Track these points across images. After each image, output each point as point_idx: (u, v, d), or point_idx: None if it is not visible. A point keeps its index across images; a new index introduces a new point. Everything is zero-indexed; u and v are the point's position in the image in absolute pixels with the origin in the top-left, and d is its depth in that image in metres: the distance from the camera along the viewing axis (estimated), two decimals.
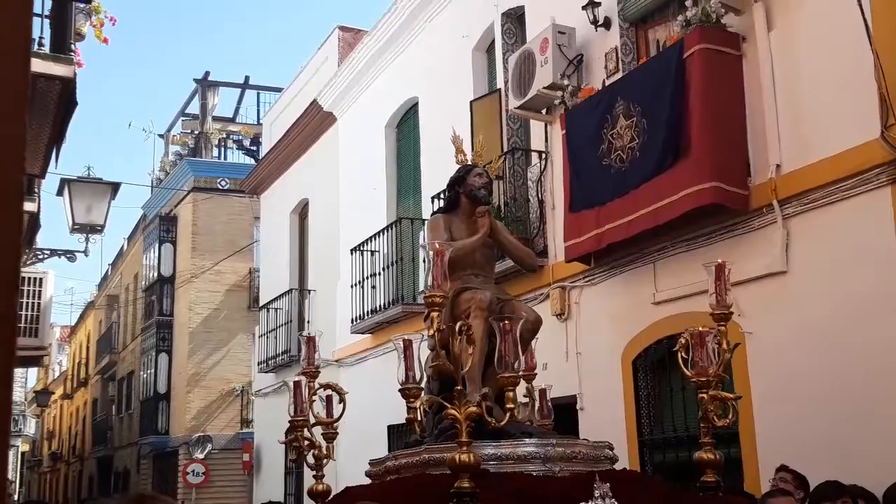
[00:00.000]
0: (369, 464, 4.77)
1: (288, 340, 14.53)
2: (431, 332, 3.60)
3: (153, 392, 22.74)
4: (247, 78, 25.00)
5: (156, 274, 23.14)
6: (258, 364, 15.80)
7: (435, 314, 3.62)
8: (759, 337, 6.20)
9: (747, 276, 6.30)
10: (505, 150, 9.13)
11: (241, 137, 23.92)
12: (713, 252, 6.62)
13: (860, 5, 5.48)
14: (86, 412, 33.76)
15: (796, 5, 6.14)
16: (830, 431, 5.54)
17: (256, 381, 16.70)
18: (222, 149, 23.99)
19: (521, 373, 3.63)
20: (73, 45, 6.51)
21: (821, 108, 5.91)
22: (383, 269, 11.24)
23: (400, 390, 3.54)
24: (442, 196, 9.72)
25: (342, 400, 4.66)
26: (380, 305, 11.17)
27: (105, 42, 7.52)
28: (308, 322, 14.26)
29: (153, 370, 22.88)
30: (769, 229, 6.20)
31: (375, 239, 11.42)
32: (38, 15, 6.83)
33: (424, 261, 10.23)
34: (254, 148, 22.79)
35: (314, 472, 4.62)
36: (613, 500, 3.46)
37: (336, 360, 12.79)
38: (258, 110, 23.81)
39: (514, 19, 9.63)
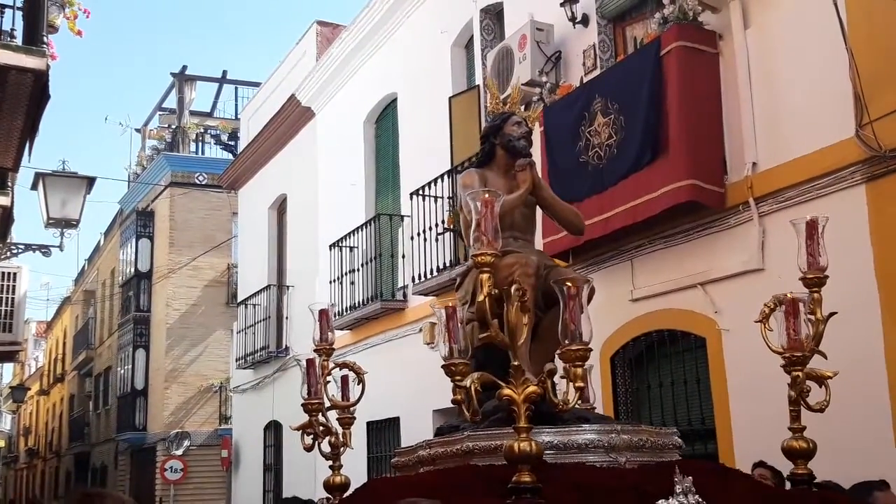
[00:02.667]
0: (396, 453, 4.37)
1: (266, 336, 14.48)
2: (481, 297, 3.10)
3: (130, 388, 22.62)
4: (224, 72, 24.89)
5: (133, 269, 23.00)
6: (236, 360, 15.73)
7: (485, 276, 3.12)
8: (736, 334, 6.22)
9: (724, 274, 6.33)
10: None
11: (218, 132, 23.80)
12: (690, 249, 6.66)
13: (836, 5, 5.51)
14: (62, 408, 33.52)
15: (773, 4, 6.16)
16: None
17: (234, 377, 16.63)
18: (200, 143, 23.88)
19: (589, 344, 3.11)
20: (45, 38, 6.43)
21: (797, 106, 5.93)
22: (362, 265, 11.21)
23: (444, 367, 3.11)
24: (421, 192, 9.72)
25: (361, 380, 4.19)
26: (359, 301, 11.15)
27: (79, 34, 7.46)
28: (287, 318, 14.21)
29: (130, 366, 22.76)
30: (745, 227, 6.22)
31: (354, 235, 11.39)
32: (9, 6, 6.76)
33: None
34: (231, 143, 22.68)
35: (330, 463, 4.17)
36: (698, 496, 3.03)
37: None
38: (236, 105, 23.71)
39: (493, 15, 9.62)
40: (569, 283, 3.08)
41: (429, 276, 9.54)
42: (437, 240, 9.40)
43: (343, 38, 12.39)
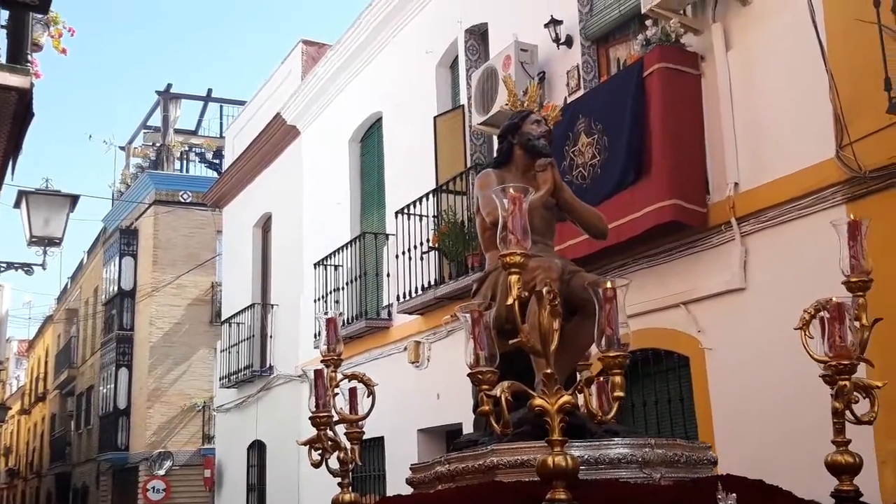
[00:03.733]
0: (411, 469, 4.14)
1: (250, 355, 14.41)
2: (510, 300, 2.87)
3: (113, 407, 22.45)
4: (209, 91, 24.89)
5: (116, 287, 22.89)
6: (220, 379, 15.65)
7: (514, 278, 2.87)
8: (719, 352, 6.26)
9: (706, 293, 6.36)
10: (468, 165, 9.15)
11: (203, 150, 23.79)
12: (673, 268, 6.69)
13: (815, 27, 5.58)
14: (44, 428, 33.20)
15: (754, 26, 6.24)
16: (789, 446, 5.60)
17: (218, 396, 16.53)
18: (184, 162, 23.86)
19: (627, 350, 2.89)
20: (30, 56, 6.42)
21: (778, 127, 6.00)
22: (347, 284, 11.20)
23: (470, 375, 2.89)
24: (406, 211, 9.73)
25: (371, 393, 3.97)
26: (343, 320, 11.11)
27: (64, 53, 7.44)
28: (271, 337, 14.16)
29: (113, 385, 22.60)
30: (727, 246, 6.27)
31: (339, 253, 11.38)
32: None
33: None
34: (216, 161, 22.67)
35: (340, 480, 3.95)
36: None
37: (299, 375, 12.70)
38: (221, 123, 23.71)
39: (478, 36, 9.68)
40: (607, 285, 2.89)
41: (413, 294, 9.55)
42: (421, 258, 9.41)
43: (329, 57, 12.43)
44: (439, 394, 9.32)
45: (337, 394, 3.97)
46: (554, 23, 7.87)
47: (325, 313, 4.18)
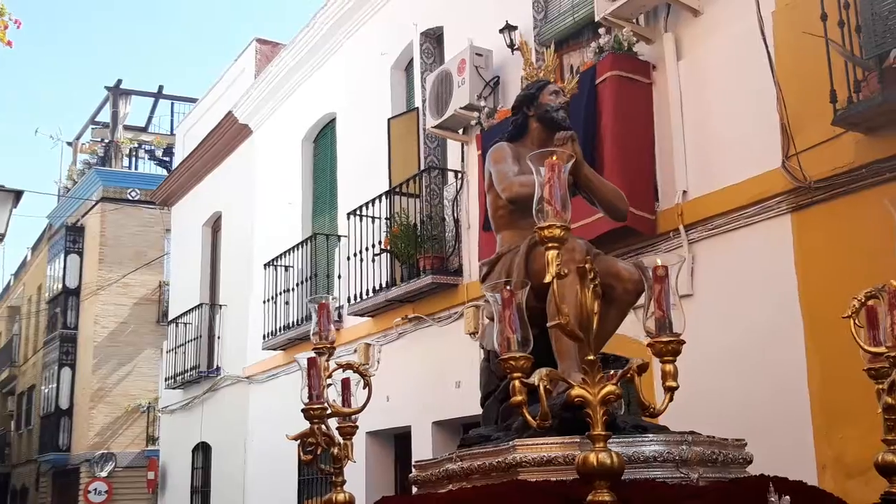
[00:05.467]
0: (415, 467, 3.81)
1: (197, 356, 14.23)
2: (549, 278, 2.55)
3: (55, 407, 22.01)
4: (160, 87, 24.53)
5: (61, 285, 22.45)
6: (165, 380, 15.43)
7: (553, 254, 2.55)
8: None
9: None
10: (421, 168, 9.15)
11: (153, 147, 23.45)
12: None
13: (764, 39, 5.70)
14: None
15: (704, 37, 6.34)
16: None
17: (163, 397, 16.30)
18: (133, 158, 23.49)
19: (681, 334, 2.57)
20: None
21: (726, 136, 6.10)
22: (297, 285, 11.12)
23: (502, 361, 2.56)
24: (359, 212, 9.69)
25: (367, 384, 3.65)
26: (293, 321, 11.04)
27: (9, 45, 7.32)
28: (218, 338, 14.00)
29: (55, 385, 22.16)
30: (675, 253, 6.34)
31: (290, 254, 11.30)
32: None
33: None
34: (166, 158, 22.36)
35: (333, 478, 3.64)
36: None
37: (246, 377, 12.58)
38: (172, 120, 23.41)
39: (433, 39, 9.69)
40: (657, 263, 2.57)
41: (364, 296, 9.51)
42: (373, 260, 9.38)
43: (282, 56, 12.34)
44: (388, 396, 9.28)
45: (329, 384, 3.63)
46: (509, 28, 7.91)
47: (313, 300, 3.81)
